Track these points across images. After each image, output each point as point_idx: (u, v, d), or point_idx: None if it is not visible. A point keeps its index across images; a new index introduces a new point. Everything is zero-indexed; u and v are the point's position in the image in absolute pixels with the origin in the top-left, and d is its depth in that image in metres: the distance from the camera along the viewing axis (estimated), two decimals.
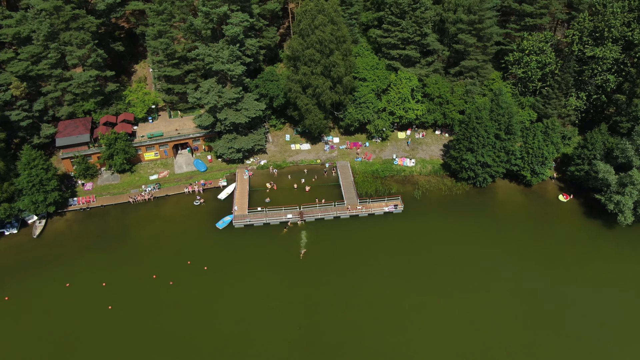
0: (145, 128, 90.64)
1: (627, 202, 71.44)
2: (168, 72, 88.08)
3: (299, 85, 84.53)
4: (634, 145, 70.95)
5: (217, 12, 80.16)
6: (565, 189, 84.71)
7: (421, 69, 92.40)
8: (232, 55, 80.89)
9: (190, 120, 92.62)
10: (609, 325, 63.95)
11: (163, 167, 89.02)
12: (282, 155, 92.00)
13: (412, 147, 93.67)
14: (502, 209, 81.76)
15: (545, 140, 79.25)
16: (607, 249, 74.57)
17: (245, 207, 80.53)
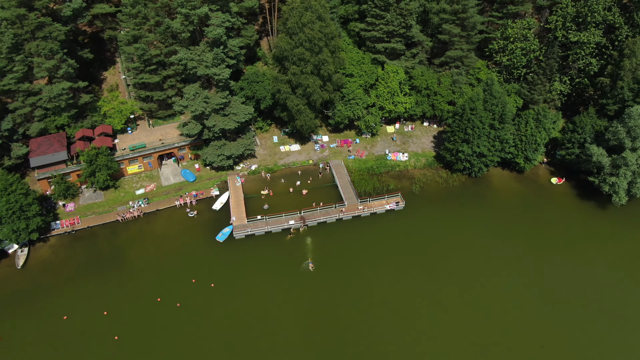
0: (125, 140, 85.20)
1: (621, 183, 73.65)
2: (146, 79, 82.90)
3: (288, 86, 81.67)
4: (625, 128, 72.92)
5: (198, 13, 75.92)
6: (556, 173, 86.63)
7: (406, 61, 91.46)
8: (216, 58, 76.96)
9: (173, 129, 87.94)
10: (618, 306, 66.06)
11: (149, 180, 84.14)
12: (272, 159, 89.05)
13: (403, 140, 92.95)
14: (499, 196, 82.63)
15: (538, 127, 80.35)
16: (604, 227, 77.26)
17: (244, 216, 77.41)
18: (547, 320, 64.26)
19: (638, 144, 72.47)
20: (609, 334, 62.97)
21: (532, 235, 75.80)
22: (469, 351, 60.69)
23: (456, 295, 67.10)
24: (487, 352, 60.70)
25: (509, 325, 63.55)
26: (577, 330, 63.29)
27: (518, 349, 61.06)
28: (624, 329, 63.50)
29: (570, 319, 64.49)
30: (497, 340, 61.84)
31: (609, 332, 63.19)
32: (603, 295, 67.28)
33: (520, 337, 62.27)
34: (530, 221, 78.03)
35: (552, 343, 61.80)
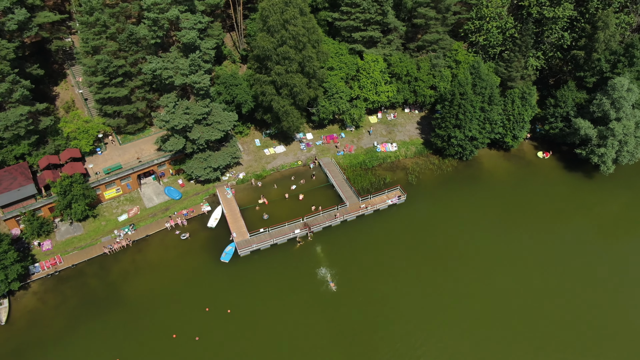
0: (96, 162, 77.09)
1: (610, 153, 76.33)
2: (112, 92, 74.86)
3: (273, 87, 76.85)
4: (610, 99, 75.19)
5: (168, 17, 68.90)
6: (540, 147, 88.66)
7: (383, 48, 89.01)
8: (193, 64, 70.60)
9: (147, 143, 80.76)
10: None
11: (130, 203, 76.91)
12: (259, 164, 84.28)
13: (388, 130, 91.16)
14: (492, 177, 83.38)
15: (524, 104, 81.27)
16: (595, 195, 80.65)
17: (244, 230, 72.79)
18: (558, 286, 67.10)
19: (622, 114, 75.08)
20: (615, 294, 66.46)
21: (531, 211, 77.55)
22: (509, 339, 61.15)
23: (478, 281, 67.33)
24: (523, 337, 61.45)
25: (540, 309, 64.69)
26: (582, 294, 66.30)
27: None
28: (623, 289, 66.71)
29: (572, 284, 67.58)
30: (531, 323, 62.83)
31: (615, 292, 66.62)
32: (606, 261, 70.42)
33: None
34: (526, 197, 79.65)
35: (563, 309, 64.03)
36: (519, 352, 59.85)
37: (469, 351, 59.76)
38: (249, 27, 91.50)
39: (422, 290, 66.31)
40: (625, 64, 76.89)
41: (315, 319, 62.67)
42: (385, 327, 62.09)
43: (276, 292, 65.39)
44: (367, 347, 59.88)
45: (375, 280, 67.25)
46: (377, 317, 63.21)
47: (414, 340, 60.63)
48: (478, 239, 73.04)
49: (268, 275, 67.57)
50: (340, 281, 66.83)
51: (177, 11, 69.59)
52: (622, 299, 65.89)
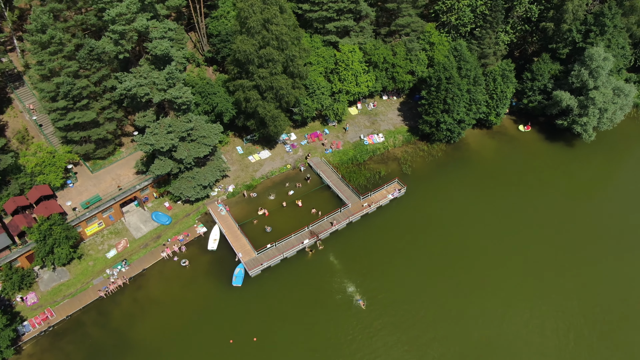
0: (70, 197, 69.12)
1: (592, 121, 78.85)
2: (78, 117, 66.78)
3: (257, 92, 71.83)
4: (588, 69, 77.16)
5: (137, 28, 61.63)
6: (519, 121, 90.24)
7: (356, 37, 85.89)
8: (171, 78, 64.18)
9: (122, 167, 73.59)
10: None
11: (116, 236, 69.87)
12: (246, 173, 79.37)
13: (371, 120, 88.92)
14: (482, 156, 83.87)
15: (505, 82, 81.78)
16: (580, 162, 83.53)
17: (249, 248, 68.51)
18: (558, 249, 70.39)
19: (599, 82, 77.36)
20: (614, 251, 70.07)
21: (524, 183, 79.33)
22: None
23: (498, 261, 68.20)
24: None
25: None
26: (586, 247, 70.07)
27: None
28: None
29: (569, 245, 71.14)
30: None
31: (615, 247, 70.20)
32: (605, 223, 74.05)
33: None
34: (516, 171, 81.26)
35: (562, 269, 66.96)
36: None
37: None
38: (210, 26, 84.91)
39: (448, 281, 65.83)
40: (597, 33, 78.96)
41: (343, 334, 60.27)
42: (416, 321, 61.12)
43: (301, 311, 62.19)
44: (390, 337, 58.80)
45: (394, 283, 65.69)
46: (401, 305, 62.34)
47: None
48: (482, 217, 73.89)
49: (287, 293, 64.16)
50: (362, 291, 64.62)
51: (146, 21, 62.46)
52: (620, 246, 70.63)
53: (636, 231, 72.36)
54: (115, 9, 60.79)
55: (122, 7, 60.87)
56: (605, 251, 69.84)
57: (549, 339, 60.00)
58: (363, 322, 61.36)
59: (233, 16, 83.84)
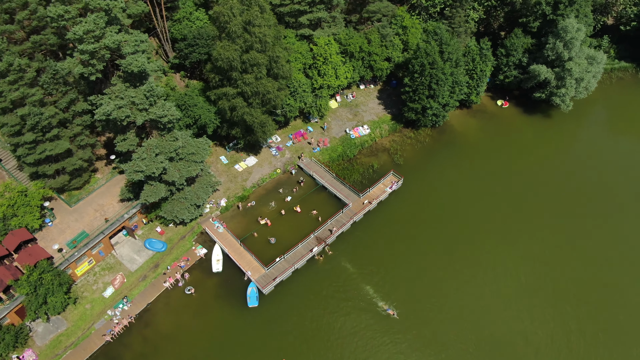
0: (52, 237, 62.68)
1: (570, 92, 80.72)
2: (49, 150, 60.09)
3: (242, 99, 67.50)
4: (562, 41, 78.41)
5: (109, 45, 55.43)
6: (495, 97, 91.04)
7: (329, 28, 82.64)
8: (152, 95, 58.73)
9: (105, 196, 67.52)
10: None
11: (109, 272, 64.33)
12: (236, 184, 75.26)
13: (353, 112, 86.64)
14: (467, 136, 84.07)
15: (484, 60, 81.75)
16: (563, 130, 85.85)
17: (256, 265, 65.29)
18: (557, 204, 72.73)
19: (573, 53, 78.97)
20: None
21: (512, 157, 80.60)
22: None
23: (505, 235, 69.69)
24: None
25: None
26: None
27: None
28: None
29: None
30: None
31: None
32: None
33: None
34: (504, 146, 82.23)
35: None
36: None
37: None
38: (173, 30, 78.84)
39: (465, 266, 66.15)
40: (566, 4, 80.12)
41: (382, 344, 58.98)
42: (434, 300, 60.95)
43: (326, 325, 60.12)
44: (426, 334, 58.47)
45: (415, 278, 64.93)
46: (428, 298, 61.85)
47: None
48: (481, 194, 74.77)
49: (307, 306, 61.79)
50: (382, 295, 63.34)
51: (117, 35, 56.28)
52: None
53: (622, 189, 76.34)
54: (82, 26, 54.12)
55: (89, 24, 54.34)
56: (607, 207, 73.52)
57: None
58: (392, 329, 60.10)
59: (197, 17, 78.33)
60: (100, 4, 55.66)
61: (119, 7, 58.30)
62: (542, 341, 59.07)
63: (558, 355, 57.85)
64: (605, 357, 57.76)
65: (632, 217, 72.15)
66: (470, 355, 57.86)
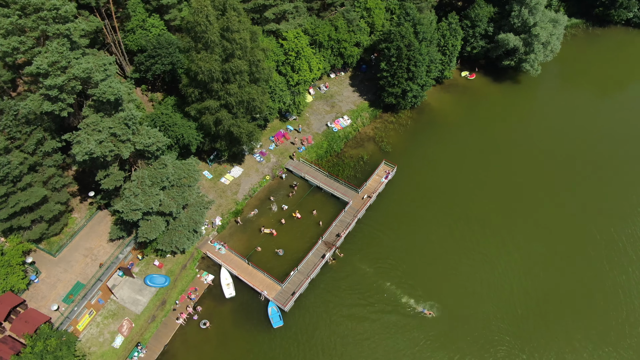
0: (43, 294, 56.18)
1: (539, 57, 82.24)
2: (23, 201, 53.11)
3: (227, 111, 62.74)
4: (527, 8, 79.14)
5: (78, 75, 48.99)
6: (463, 69, 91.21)
7: (294, 19, 78.41)
8: (133, 124, 53.04)
9: (91, 239, 61.36)
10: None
11: (113, 319, 58.81)
12: (227, 199, 70.85)
13: (330, 103, 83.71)
14: (447, 113, 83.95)
15: (454, 35, 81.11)
16: (535, 93, 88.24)
17: (270, 282, 62.28)
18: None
19: (537, 18, 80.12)
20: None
21: (493, 127, 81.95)
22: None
23: (505, 207, 71.22)
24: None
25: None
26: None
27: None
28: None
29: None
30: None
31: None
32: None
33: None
34: (483, 117, 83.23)
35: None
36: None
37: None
38: (127, 41, 71.70)
39: (479, 241, 67.25)
40: None
41: (416, 346, 58.50)
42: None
43: (357, 333, 58.64)
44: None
45: (433, 267, 64.69)
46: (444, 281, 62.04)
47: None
48: (471, 167, 75.81)
49: (333, 316, 59.89)
50: (404, 290, 62.59)
51: (85, 62, 49.74)
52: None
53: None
54: (45, 58, 47.29)
55: (53, 54, 47.50)
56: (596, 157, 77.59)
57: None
58: (425, 326, 59.63)
59: (152, 24, 71.51)
60: (60, 30, 48.84)
61: (79, 30, 51.61)
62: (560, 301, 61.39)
63: (578, 318, 60.31)
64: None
65: (609, 168, 76.14)
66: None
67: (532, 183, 73.85)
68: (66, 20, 50.50)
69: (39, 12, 48.46)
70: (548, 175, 74.86)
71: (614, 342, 58.14)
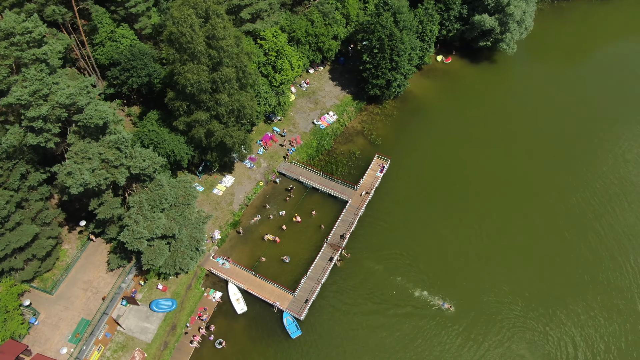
0: (47, 336, 52.74)
1: (514, 35, 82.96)
2: (14, 241, 49.34)
3: (217, 122, 60.09)
4: None
5: (62, 101, 45.50)
6: (439, 53, 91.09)
7: (269, 17, 75.77)
8: (125, 147, 49.93)
9: (88, 270, 58.02)
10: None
11: (124, 351, 55.88)
12: (222, 211, 68.43)
13: (313, 100, 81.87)
14: (430, 98, 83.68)
15: (431, 20, 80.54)
16: (513, 70, 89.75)
17: (281, 292, 60.89)
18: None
19: None
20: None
21: (479, 106, 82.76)
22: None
23: (501, 181, 73.28)
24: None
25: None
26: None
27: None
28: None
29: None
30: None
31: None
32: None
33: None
34: (466, 99, 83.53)
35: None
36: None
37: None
38: (96, 55, 67.44)
39: (483, 227, 68.20)
40: None
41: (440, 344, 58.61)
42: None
43: (377, 335, 58.35)
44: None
45: (444, 258, 64.99)
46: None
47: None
48: (462, 149, 76.43)
49: (352, 320, 59.19)
50: (416, 283, 62.60)
51: (67, 87, 46.10)
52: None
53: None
54: (23, 87, 43.42)
55: (33, 82, 43.69)
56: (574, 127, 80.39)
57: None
58: (444, 320, 59.95)
59: (122, 35, 67.45)
60: (37, 54, 45.05)
61: (56, 52, 47.84)
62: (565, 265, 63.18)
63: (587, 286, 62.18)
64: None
65: (588, 131, 79.80)
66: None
67: (520, 155, 75.91)
68: (40, 43, 46.58)
69: (11, 37, 44.41)
70: (533, 146, 77.06)
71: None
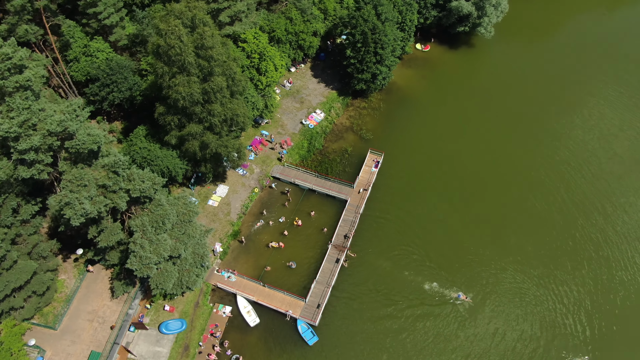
0: None
1: (492, 19, 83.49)
2: (13, 281, 46.56)
3: (211, 133, 58.06)
4: None
5: (53, 129, 42.85)
6: (416, 41, 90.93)
7: (247, 18, 73.52)
8: (123, 170, 47.65)
9: (92, 300, 55.59)
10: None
11: None
12: (222, 222, 66.64)
13: (298, 100, 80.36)
14: (414, 88, 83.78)
15: (409, 10, 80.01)
16: (492, 54, 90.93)
17: (291, 299, 60.01)
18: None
19: None
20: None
21: (464, 91, 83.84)
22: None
23: (496, 162, 74.23)
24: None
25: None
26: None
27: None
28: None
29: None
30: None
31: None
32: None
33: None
34: (451, 85, 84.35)
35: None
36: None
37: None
38: (71, 72, 64.05)
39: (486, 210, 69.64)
40: None
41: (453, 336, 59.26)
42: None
43: (393, 334, 58.41)
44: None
45: (454, 241, 66.08)
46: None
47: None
48: (454, 134, 77.56)
49: (368, 322, 59.02)
50: (430, 275, 62.96)
51: (55, 113, 43.37)
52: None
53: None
54: (11, 118, 40.52)
55: (21, 112, 40.81)
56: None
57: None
58: (459, 315, 60.52)
59: (97, 49, 64.17)
60: (20, 81, 42.16)
61: (39, 77, 44.96)
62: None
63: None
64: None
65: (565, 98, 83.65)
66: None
67: (505, 131, 78.26)
68: (21, 68, 43.51)
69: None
70: (517, 121, 79.52)
71: None
